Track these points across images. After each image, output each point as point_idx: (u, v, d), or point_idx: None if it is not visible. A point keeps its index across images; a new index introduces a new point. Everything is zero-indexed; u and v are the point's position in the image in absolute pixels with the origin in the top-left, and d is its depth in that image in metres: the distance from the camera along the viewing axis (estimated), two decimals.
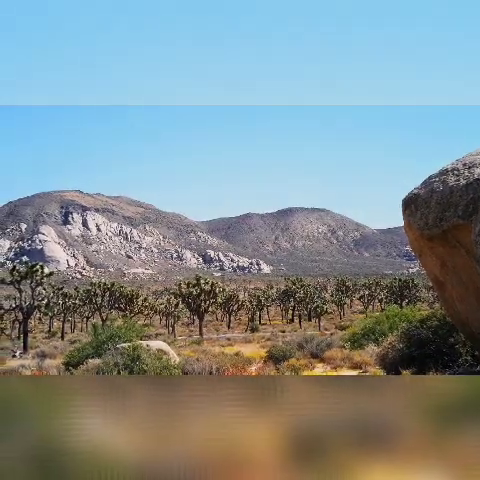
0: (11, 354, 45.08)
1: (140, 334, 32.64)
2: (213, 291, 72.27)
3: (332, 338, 34.99)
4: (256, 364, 27.08)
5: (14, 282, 51.93)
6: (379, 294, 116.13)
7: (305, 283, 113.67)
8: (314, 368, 24.73)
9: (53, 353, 41.56)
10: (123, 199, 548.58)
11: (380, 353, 19.68)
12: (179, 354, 29.61)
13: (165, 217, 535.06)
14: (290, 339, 39.49)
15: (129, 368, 18.62)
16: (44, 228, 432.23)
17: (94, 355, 25.25)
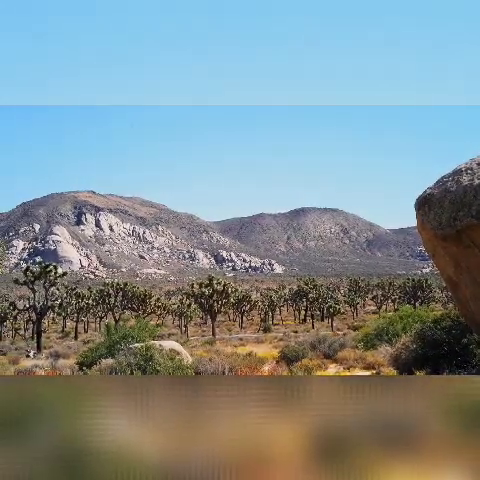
0: (25, 354, 45.28)
1: (153, 334, 32.66)
2: (225, 291, 72.29)
3: (345, 338, 34.91)
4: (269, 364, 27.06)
5: (28, 282, 52.17)
6: (392, 294, 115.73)
7: (318, 283, 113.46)
8: (327, 369, 24.67)
9: (67, 353, 41.72)
10: (136, 199, 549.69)
11: (393, 354, 19.61)
12: (192, 354, 29.63)
13: (178, 217, 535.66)
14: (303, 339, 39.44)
15: (142, 368, 18.65)
16: (57, 229, 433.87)
17: (107, 355, 25.32)
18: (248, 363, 24.21)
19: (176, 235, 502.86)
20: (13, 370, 30.45)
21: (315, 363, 24.23)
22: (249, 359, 26.41)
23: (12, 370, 30.49)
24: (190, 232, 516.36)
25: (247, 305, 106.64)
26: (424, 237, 13.99)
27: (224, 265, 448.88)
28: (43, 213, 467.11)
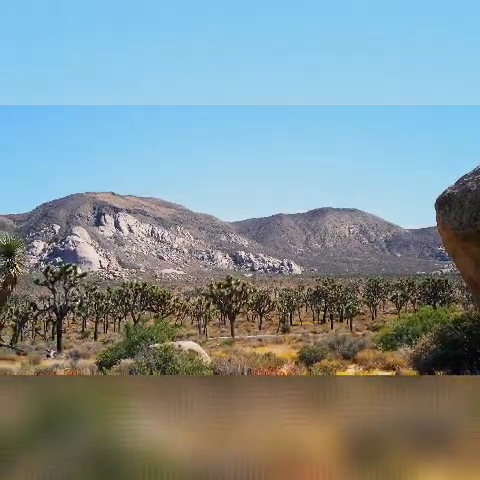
0: (45, 354, 45.55)
1: (172, 335, 32.73)
2: (244, 292, 72.32)
3: (364, 339, 34.78)
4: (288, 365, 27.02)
5: (48, 283, 52.52)
6: (412, 295, 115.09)
7: (336, 284, 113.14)
8: (346, 369, 24.56)
9: (86, 353, 41.90)
10: (155, 200, 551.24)
11: (413, 354, 19.49)
12: (211, 354, 29.65)
13: (196, 218, 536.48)
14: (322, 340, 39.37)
15: (161, 369, 18.70)
16: (77, 229, 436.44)
17: (127, 355, 25.41)
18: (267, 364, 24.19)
19: (195, 236, 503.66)
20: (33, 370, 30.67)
21: (334, 364, 24.15)
22: (268, 360, 26.38)
23: (33, 370, 30.71)
24: (208, 233, 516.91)
25: (266, 305, 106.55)
26: (444, 237, 13.91)
27: (243, 266, 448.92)
28: (63, 214, 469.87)
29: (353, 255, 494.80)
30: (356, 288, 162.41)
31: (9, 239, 18.14)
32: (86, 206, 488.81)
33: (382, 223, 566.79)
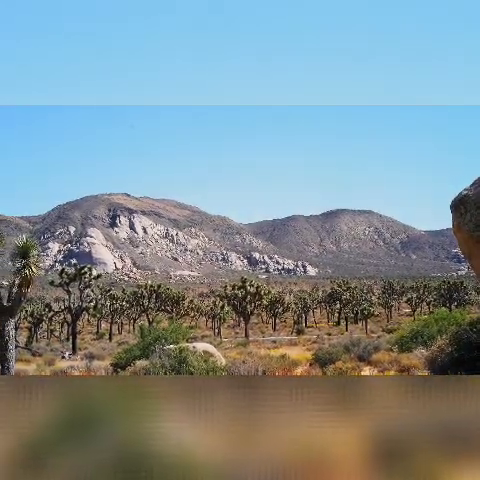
0: (60, 355, 45.72)
1: (186, 336, 32.80)
2: (258, 293, 72.22)
3: (379, 341, 34.66)
4: (302, 367, 26.97)
5: (63, 284, 52.72)
6: (427, 297, 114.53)
7: (351, 285, 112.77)
8: (361, 371, 24.48)
9: (101, 354, 42.06)
10: (169, 202, 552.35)
11: (429, 356, 19.40)
12: (225, 356, 29.65)
13: (210, 220, 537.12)
14: (336, 342, 39.28)
15: (176, 370, 18.72)
16: (92, 231, 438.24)
17: (141, 357, 25.47)
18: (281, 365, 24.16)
19: (209, 237, 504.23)
20: (49, 371, 30.80)
21: (349, 366, 24.07)
22: (282, 361, 26.35)
23: (48, 371, 30.84)
24: (223, 234, 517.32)
25: (280, 307, 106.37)
26: (460, 239, 13.83)
27: (257, 267, 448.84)
28: (78, 216, 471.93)
29: (368, 257, 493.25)
30: (371, 290, 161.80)
31: (24, 241, 18.21)
32: (101, 208, 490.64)
33: (397, 225, 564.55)
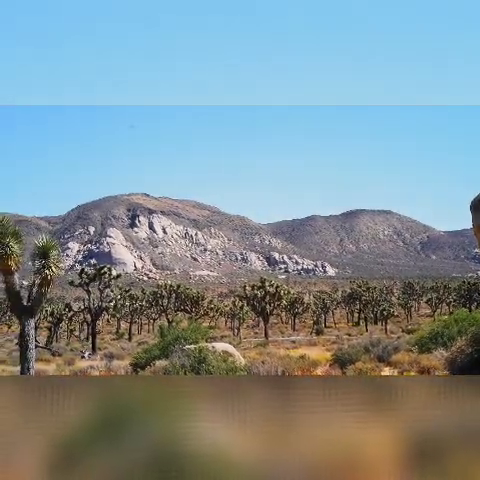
0: (80, 355, 46.00)
1: (205, 336, 32.85)
2: (278, 293, 72.16)
3: (399, 342, 34.51)
4: (322, 367, 26.92)
5: (83, 284, 53.03)
6: (447, 297, 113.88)
7: (371, 286, 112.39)
8: (381, 372, 24.39)
9: (121, 354, 42.26)
10: (188, 202, 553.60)
11: (449, 357, 19.30)
12: (244, 356, 29.66)
13: (230, 220, 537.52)
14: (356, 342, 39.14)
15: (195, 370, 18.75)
16: (112, 231, 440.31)
17: (161, 356, 25.55)
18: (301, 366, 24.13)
19: (228, 237, 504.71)
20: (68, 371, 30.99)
21: (369, 366, 24.01)
22: (302, 362, 26.31)
23: (67, 371, 31.03)
24: (242, 234, 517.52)
25: (300, 307, 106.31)
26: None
27: (276, 267, 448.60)
28: (98, 216, 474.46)
29: (388, 257, 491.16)
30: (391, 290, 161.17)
31: (45, 241, 18.34)
32: (120, 208, 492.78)
33: (417, 225, 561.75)
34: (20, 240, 17.81)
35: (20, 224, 20.27)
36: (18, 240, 17.71)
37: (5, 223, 17.67)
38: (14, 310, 18.95)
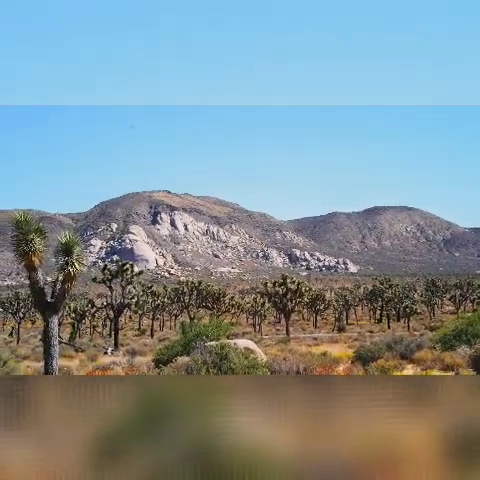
0: (103, 351, 46.23)
1: (227, 332, 32.87)
2: (299, 290, 71.94)
3: (422, 339, 34.26)
4: (344, 364, 26.83)
5: (105, 281, 53.27)
6: (471, 294, 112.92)
7: (393, 283, 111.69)
8: (404, 369, 24.26)
9: (143, 350, 42.43)
10: (210, 199, 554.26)
11: (473, 355, 19.15)
12: (266, 353, 29.65)
13: (251, 216, 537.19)
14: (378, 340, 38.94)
15: (217, 366, 18.76)
16: (134, 228, 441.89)
17: (183, 353, 25.61)
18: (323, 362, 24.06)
19: (250, 234, 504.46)
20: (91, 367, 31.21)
21: (391, 364, 23.88)
22: (324, 359, 26.24)
23: (91, 367, 31.25)
24: (264, 231, 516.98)
25: (321, 304, 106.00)
26: None
27: (298, 264, 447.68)
28: (120, 213, 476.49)
29: (410, 254, 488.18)
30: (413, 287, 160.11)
31: (68, 237, 18.43)
32: (142, 205, 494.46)
33: (440, 222, 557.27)
34: (44, 237, 17.93)
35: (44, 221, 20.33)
36: (42, 237, 17.83)
37: (29, 220, 17.80)
38: (38, 306, 19.07)
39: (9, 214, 20.88)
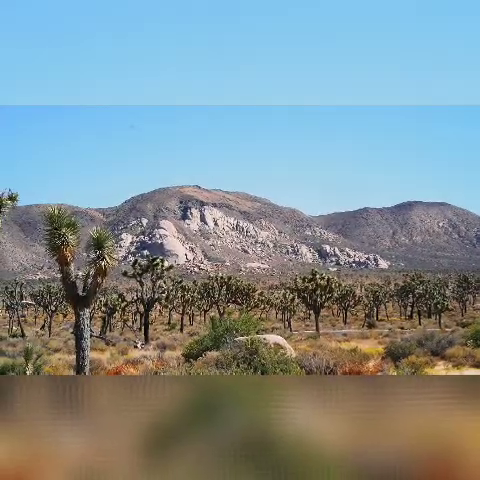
0: (133, 345, 46.52)
1: (256, 328, 32.88)
2: (329, 286, 71.62)
3: (453, 335, 33.98)
4: (374, 360, 26.69)
5: (136, 275, 53.55)
6: None
7: (424, 279, 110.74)
8: (435, 366, 24.10)
9: (172, 345, 42.62)
10: (240, 194, 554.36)
11: None
12: (295, 349, 29.62)
13: (281, 212, 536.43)
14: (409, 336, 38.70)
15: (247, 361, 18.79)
16: (164, 223, 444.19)
17: (212, 348, 25.68)
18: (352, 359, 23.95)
19: (279, 230, 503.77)
20: (122, 360, 31.49)
21: (422, 360, 23.73)
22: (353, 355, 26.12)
23: (121, 360, 31.54)
24: (293, 227, 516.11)
25: (351, 300, 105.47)
26: None
27: (328, 260, 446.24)
28: (150, 208, 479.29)
29: (442, 250, 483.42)
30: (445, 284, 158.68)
31: (99, 232, 18.58)
32: (173, 200, 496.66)
33: (473, 217, 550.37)
34: (76, 231, 18.09)
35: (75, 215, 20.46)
36: (74, 231, 17.99)
37: (61, 214, 17.96)
38: (70, 300, 19.26)
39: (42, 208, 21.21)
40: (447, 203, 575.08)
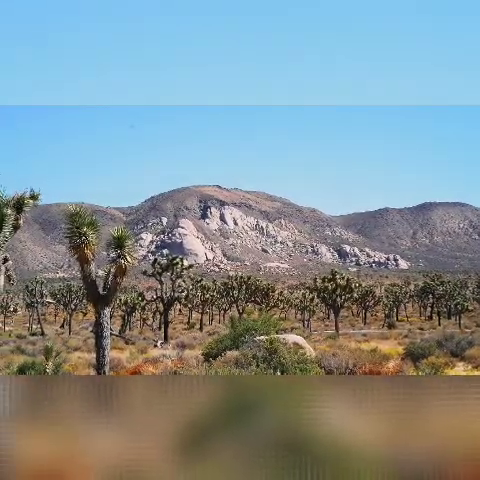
0: (153, 344, 46.73)
1: (276, 328, 32.87)
2: (349, 286, 71.51)
3: (473, 336, 33.81)
4: (394, 361, 26.61)
5: (155, 274, 53.79)
6: None
7: (445, 280, 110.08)
8: (454, 367, 23.97)
9: (192, 344, 42.72)
10: (260, 194, 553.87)
11: None
12: (315, 349, 29.60)
13: (301, 212, 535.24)
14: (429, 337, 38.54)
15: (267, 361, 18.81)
16: (184, 222, 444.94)
17: (232, 347, 25.71)
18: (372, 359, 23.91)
19: (299, 229, 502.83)
20: (141, 359, 31.65)
21: (442, 361, 23.63)
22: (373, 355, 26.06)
23: (140, 359, 31.70)
24: (313, 226, 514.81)
25: (371, 300, 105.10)
26: None
27: (347, 260, 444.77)
28: (170, 207, 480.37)
29: (462, 251, 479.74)
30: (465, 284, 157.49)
31: (120, 231, 18.67)
32: (192, 199, 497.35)
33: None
34: (96, 230, 18.18)
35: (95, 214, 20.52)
36: (94, 230, 18.09)
37: (82, 213, 18.07)
38: (90, 298, 19.40)
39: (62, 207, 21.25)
40: (467, 204, 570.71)
